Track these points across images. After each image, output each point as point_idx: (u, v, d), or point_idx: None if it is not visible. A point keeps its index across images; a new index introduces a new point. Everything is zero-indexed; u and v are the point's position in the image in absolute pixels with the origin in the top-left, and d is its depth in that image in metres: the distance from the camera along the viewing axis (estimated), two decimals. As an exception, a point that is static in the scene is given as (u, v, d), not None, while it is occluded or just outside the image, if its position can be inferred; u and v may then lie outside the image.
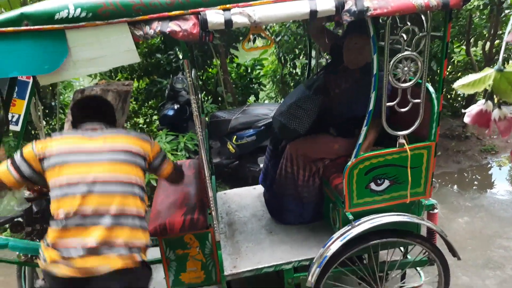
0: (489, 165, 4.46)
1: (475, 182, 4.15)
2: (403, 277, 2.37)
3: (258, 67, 6.17)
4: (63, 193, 1.56)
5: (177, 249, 2.21)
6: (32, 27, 1.47)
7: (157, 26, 1.50)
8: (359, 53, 2.11)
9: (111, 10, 1.48)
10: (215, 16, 1.48)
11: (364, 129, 1.81)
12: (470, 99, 5.07)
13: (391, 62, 1.67)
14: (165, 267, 2.22)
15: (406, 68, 1.69)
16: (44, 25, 1.47)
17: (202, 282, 2.28)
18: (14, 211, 2.20)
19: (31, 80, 2.59)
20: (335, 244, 1.94)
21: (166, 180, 1.99)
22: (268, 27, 5.70)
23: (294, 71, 5.64)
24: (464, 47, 4.98)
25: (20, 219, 2.21)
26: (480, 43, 5.01)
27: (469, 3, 4.30)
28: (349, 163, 1.89)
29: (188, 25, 1.48)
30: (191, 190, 2.35)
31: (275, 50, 5.80)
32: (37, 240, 2.08)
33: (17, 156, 1.65)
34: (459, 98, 5.50)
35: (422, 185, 1.96)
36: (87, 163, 1.60)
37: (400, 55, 1.67)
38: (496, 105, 0.56)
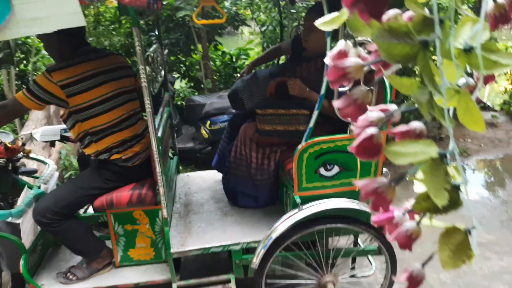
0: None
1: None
2: (353, 264, 2.38)
3: (244, 56, 6.13)
4: None
5: (126, 224, 2.18)
6: (-29, -20, 1.42)
7: (102, -12, 1.46)
8: (309, 32, 2.15)
9: (55, -32, 1.44)
10: (160, -19, 1.45)
11: (315, 112, 1.80)
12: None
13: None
14: (113, 241, 2.20)
15: (358, 53, 1.67)
16: (-16, -21, 1.43)
17: (151, 259, 2.26)
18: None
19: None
20: (281, 226, 1.93)
21: None
22: (254, 17, 5.67)
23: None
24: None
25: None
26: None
27: None
28: (299, 146, 1.88)
29: (134, -11, 1.45)
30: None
31: (260, 40, 5.77)
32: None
33: None
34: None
35: (372, 173, 1.96)
36: None
37: (352, 40, 1.65)
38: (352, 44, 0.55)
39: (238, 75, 5.89)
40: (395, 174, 4.01)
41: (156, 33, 2.93)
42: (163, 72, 2.65)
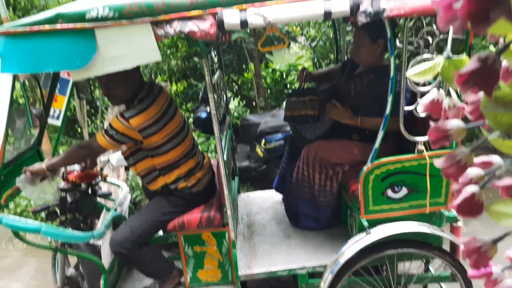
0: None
1: (518, 200, 3.86)
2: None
3: (294, 72, 6.19)
4: None
5: (195, 245, 2.26)
6: (65, 26, 1.59)
7: (177, 25, 1.56)
8: (358, 49, 2.20)
9: (136, 10, 1.57)
10: (231, 16, 1.52)
11: (380, 133, 1.77)
12: None
13: (410, 65, 1.62)
14: (183, 262, 2.28)
15: (426, 72, 1.63)
16: (76, 24, 1.59)
17: (218, 281, 2.31)
18: (47, 200, 2.36)
19: (71, 78, 2.80)
20: (348, 250, 1.90)
21: None
22: (304, 33, 5.72)
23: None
24: None
25: (55, 208, 2.38)
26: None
27: None
28: (365, 168, 1.85)
29: (206, 25, 1.54)
30: (212, 189, 2.41)
31: (310, 55, 5.80)
32: (69, 229, 2.23)
33: None
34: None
35: (443, 194, 1.88)
36: None
37: (418, 57, 1.61)
38: (446, 94, 0.55)
39: (289, 91, 6.00)
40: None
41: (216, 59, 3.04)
42: (224, 97, 2.76)
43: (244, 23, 1.52)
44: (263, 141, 4.11)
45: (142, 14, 1.58)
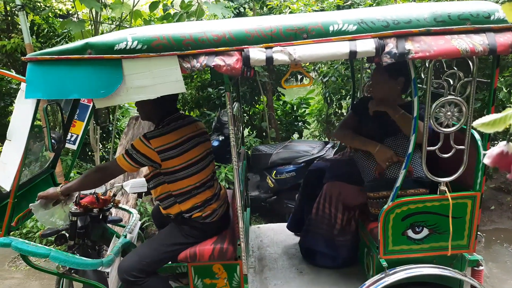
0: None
1: (534, 243, 3.76)
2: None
3: (304, 105, 6.25)
4: None
5: (205, 278, 2.21)
6: (94, 56, 1.63)
7: (203, 60, 1.59)
8: (374, 87, 2.20)
9: (164, 43, 1.61)
10: (257, 53, 1.55)
11: (402, 172, 1.75)
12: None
13: (433, 106, 1.63)
14: (192, 294, 2.22)
15: (449, 113, 1.64)
16: (104, 55, 1.63)
17: (227, 316, 2.24)
18: (57, 224, 2.34)
19: (91, 104, 2.84)
20: (366, 291, 1.84)
21: None
22: (316, 68, 5.82)
23: (339, 111, 5.63)
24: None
25: (64, 232, 2.35)
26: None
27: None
28: (385, 206, 1.82)
29: (232, 60, 1.57)
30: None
31: (321, 90, 5.87)
32: (77, 255, 2.19)
33: None
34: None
35: (465, 237, 1.83)
36: None
37: (443, 99, 1.62)
38: None
39: (299, 124, 6.04)
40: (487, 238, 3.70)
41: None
42: (241, 128, 2.78)
43: (269, 60, 1.55)
44: (274, 172, 4.09)
45: (170, 48, 1.61)
